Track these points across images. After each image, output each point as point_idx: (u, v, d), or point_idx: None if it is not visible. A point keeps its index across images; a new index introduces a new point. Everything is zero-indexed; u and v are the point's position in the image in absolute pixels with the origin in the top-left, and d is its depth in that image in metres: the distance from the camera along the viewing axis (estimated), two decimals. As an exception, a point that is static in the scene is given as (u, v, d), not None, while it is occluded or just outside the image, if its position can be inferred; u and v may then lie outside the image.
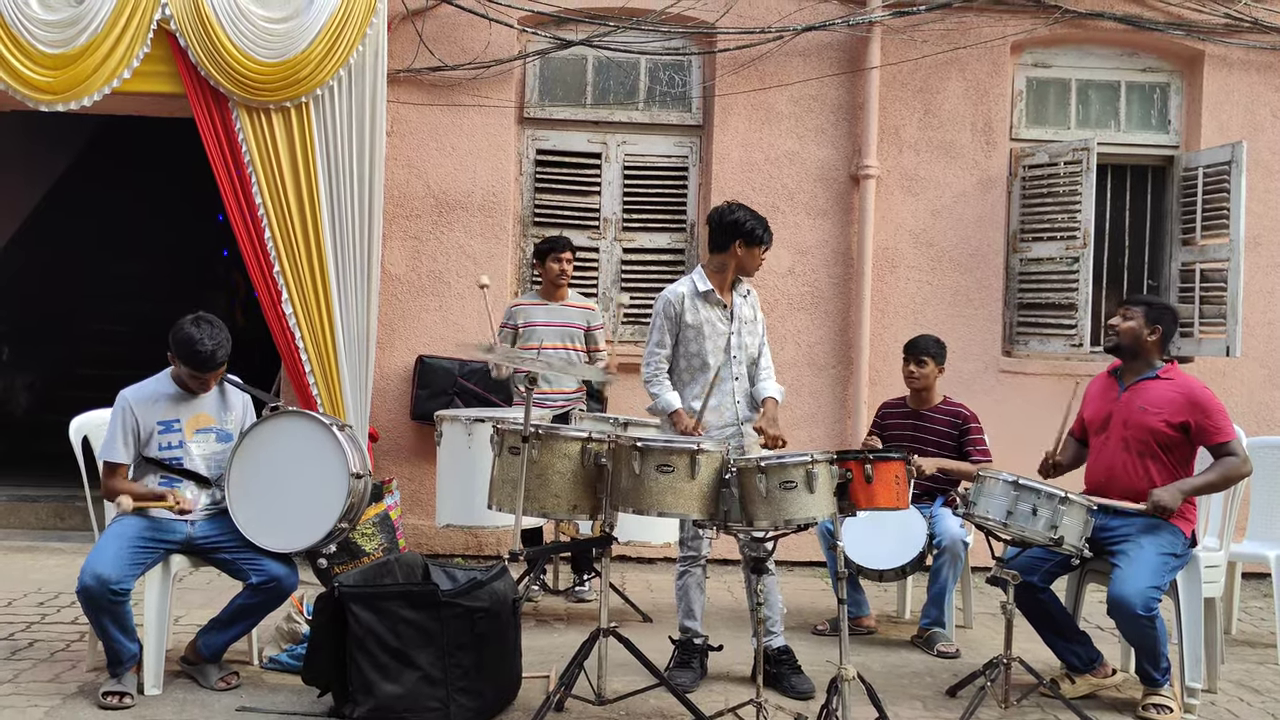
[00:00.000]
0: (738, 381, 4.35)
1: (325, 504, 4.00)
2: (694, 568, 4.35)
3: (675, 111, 6.76)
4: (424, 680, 3.59)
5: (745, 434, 4.33)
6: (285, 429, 4.08)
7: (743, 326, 4.38)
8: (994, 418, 5.78)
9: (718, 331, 4.33)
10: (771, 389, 4.40)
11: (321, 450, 4.02)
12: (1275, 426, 6.60)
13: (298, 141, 5.79)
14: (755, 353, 4.44)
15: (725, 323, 4.34)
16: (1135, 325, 4.19)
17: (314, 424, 4.08)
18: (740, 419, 4.35)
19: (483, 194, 6.52)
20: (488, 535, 6.35)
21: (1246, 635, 5.33)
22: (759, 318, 4.49)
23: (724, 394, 4.32)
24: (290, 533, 4.01)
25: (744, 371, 4.39)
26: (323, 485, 3.99)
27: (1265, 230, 6.73)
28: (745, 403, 4.38)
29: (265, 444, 4.05)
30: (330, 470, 4.00)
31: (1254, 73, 6.76)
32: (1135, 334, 4.19)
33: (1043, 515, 3.85)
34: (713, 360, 4.30)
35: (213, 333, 3.96)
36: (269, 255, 5.82)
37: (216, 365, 4.02)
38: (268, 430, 4.08)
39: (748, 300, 4.44)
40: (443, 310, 6.50)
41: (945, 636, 4.86)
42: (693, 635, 4.32)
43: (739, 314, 4.38)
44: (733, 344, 4.34)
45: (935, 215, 6.69)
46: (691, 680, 4.19)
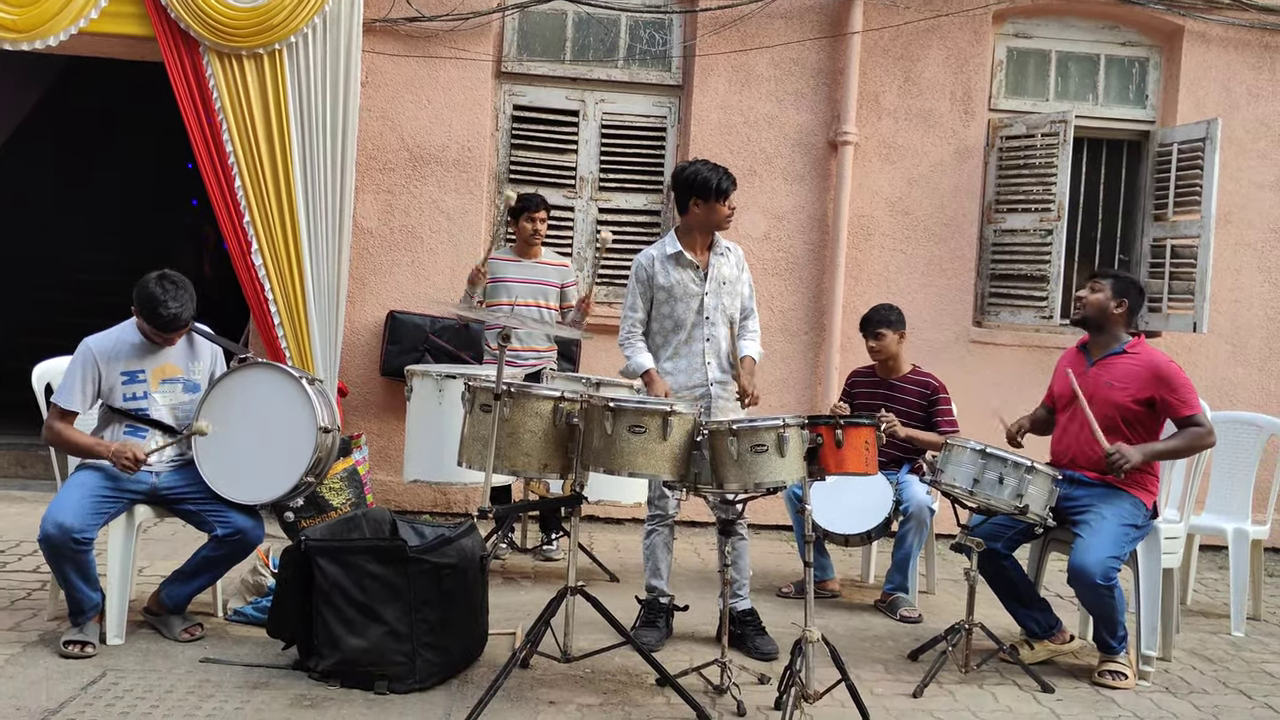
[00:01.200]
0: (709, 343, 4.31)
1: (292, 457, 3.97)
2: (661, 527, 4.37)
3: (655, 71, 6.69)
4: (390, 635, 3.59)
5: (714, 395, 4.30)
6: (254, 380, 4.04)
7: (720, 287, 4.34)
8: (963, 387, 5.84)
9: (689, 293, 4.31)
10: (749, 348, 4.37)
11: (290, 403, 3.99)
12: (1239, 402, 6.69)
13: (270, 90, 5.69)
14: (736, 313, 4.39)
15: (698, 284, 4.32)
16: (1102, 298, 4.22)
17: (283, 376, 4.04)
18: (710, 380, 4.31)
19: (458, 149, 6.44)
20: (456, 492, 6.35)
21: (1201, 606, 5.44)
22: (744, 277, 4.44)
23: (693, 355, 4.32)
24: (256, 485, 3.98)
25: (719, 333, 4.33)
26: (290, 438, 3.96)
27: (1236, 208, 6.79)
28: (717, 364, 4.33)
29: (233, 395, 4.02)
30: (298, 423, 3.96)
31: (1232, 50, 6.78)
32: (1101, 306, 4.22)
33: (1009, 484, 3.90)
34: (685, 321, 4.30)
35: (177, 293, 3.89)
36: (239, 205, 5.74)
37: (179, 327, 3.97)
38: (236, 381, 4.03)
39: (728, 259, 4.39)
40: (415, 265, 6.44)
41: (908, 601, 4.92)
42: (658, 594, 4.34)
43: (716, 274, 4.34)
44: (706, 305, 4.31)
45: (912, 184, 6.69)
46: (657, 639, 4.22)
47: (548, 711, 3.50)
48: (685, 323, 4.31)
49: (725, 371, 4.35)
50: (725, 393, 4.32)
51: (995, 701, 3.84)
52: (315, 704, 3.46)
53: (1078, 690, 4.01)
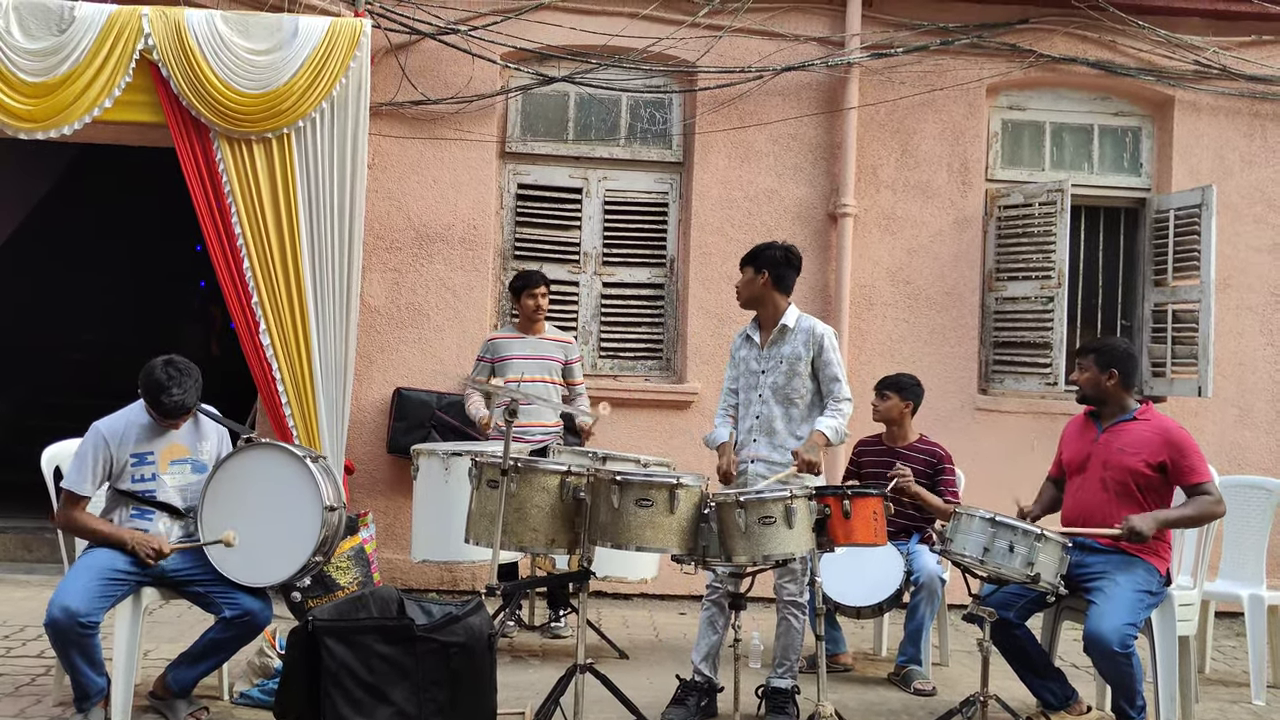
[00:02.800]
0: (758, 420, 4.35)
1: (299, 537, 3.95)
2: (710, 603, 4.37)
3: (656, 148, 6.81)
4: (398, 716, 3.53)
5: (750, 473, 4.30)
6: (258, 461, 4.04)
7: (778, 366, 4.36)
8: (970, 456, 5.83)
9: (750, 370, 4.42)
10: (823, 422, 4.26)
11: (294, 482, 3.98)
12: (1247, 466, 6.67)
13: (279, 172, 5.79)
14: (797, 394, 4.33)
15: (759, 361, 4.40)
16: (1091, 375, 4.24)
17: (286, 456, 4.03)
18: (751, 457, 4.34)
19: (463, 227, 6.54)
20: (463, 570, 6.31)
21: (1219, 674, 5.35)
22: (821, 358, 4.34)
23: (745, 430, 4.38)
24: (264, 566, 3.96)
25: (773, 411, 4.34)
26: (296, 518, 3.95)
27: (1235, 272, 6.84)
28: (766, 442, 4.33)
29: (238, 476, 4.01)
30: (303, 503, 3.95)
31: (1223, 118, 6.90)
32: (1094, 383, 4.25)
33: (1019, 552, 3.87)
34: (743, 397, 4.42)
35: (182, 380, 3.93)
36: (247, 286, 5.79)
37: (183, 413, 4.01)
38: (240, 462, 4.04)
39: (793, 339, 4.37)
40: (421, 342, 6.49)
41: (922, 674, 4.85)
42: (695, 672, 4.32)
43: (776, 353, 4.37)
44: (761, 382, 4.37)
45: (912, 254, 6.76)
46: (682, 717, 4.17)
47: (558, 793, 3.44)
48: (744, 399, 4.43)
49: (775, 451, 4.32)
50: (768, 472, 4.26)
51: (1014, 776, 3.77)
52: (322, 789, 3.40)
53: (1098, 763, 3.93)
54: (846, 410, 4.32)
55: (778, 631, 4.31)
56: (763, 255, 4.40)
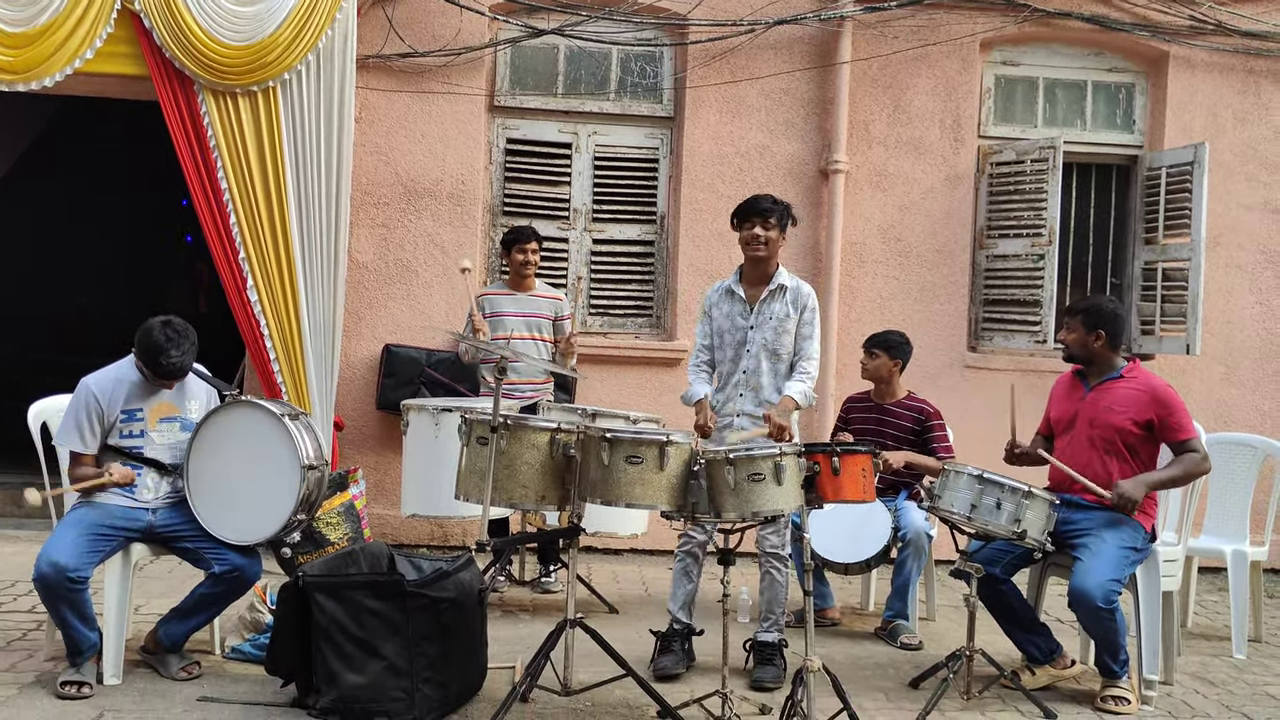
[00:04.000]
0: (745, 375, 4.34)
1: (279, 495, 3.95)
2: (684, 555, 4.41)
3: (646, 103, 6.74)
4: (389, 671, 3.56)
5: (735, 427, 4.31)
6: (237, 419, 4.02)
7: (767, 322, 4.34)
8: (959, 413, 5.84)
9: (735, 326, 4.39)
10: (792, 387, 4.26)
11: (272, 441, 3.96)
12: (1233, 424, 6.71)
13: (264, 126, 5.72)
14: (785, 350, 4.34)
15: (745, 318, 4.37)
16: (1078, 335, 4.25)
17: (264, 414, 4.00)
18: (738, 411, 4.34)
19: (452, 182, 6.48)
20: (453, 525, 6.33)
21: (1202, 628, 5.43)
22: (802, 317, 4.35)
23: (731, 386, 4.37)
24: (247, 525, 3.97)
25: (760, 367, 4.33)
26: (276, 476, 3.94)
27: (1225, 230, 6.83)
28: (752, 398, 4.32)
29: (220, 435, 4.01)
30: (282, 461, 3.94)
31: (1217, 74, 6.86)
32: (1081, 343, 4.26)
33: (1006, 509, 3.90)
34: (730, 354, 4.39)
35: (180, 341, 3.90)
36: (234, 241, 5.75)
37: (180, 375, 3.99)
38: (221, 421, 4.03)
39: (784, 297, 4.35)
40: (410, 299, 6.46)
41: (908, 628, 4.90)
42: (672, 621, 4.36)
43: (766, 309, 4.35)
44: (751, 338, 4.35)
45: (903, 211, 6.73)
46: (672, 663, 4.23)
47: (548, 746, 3.47)
48: (732, 355, 4.39)
49: (760, 406, 4.32)
50: (751, 426, 4.29)
51: (998, 728, 3.83)
52: (314, 742, 3.43)
53: (1080, 715, 3.99)
54: (814, 373, 4.37)
55: (761, 585, 4.35)
56: (783, 214, 4.35)
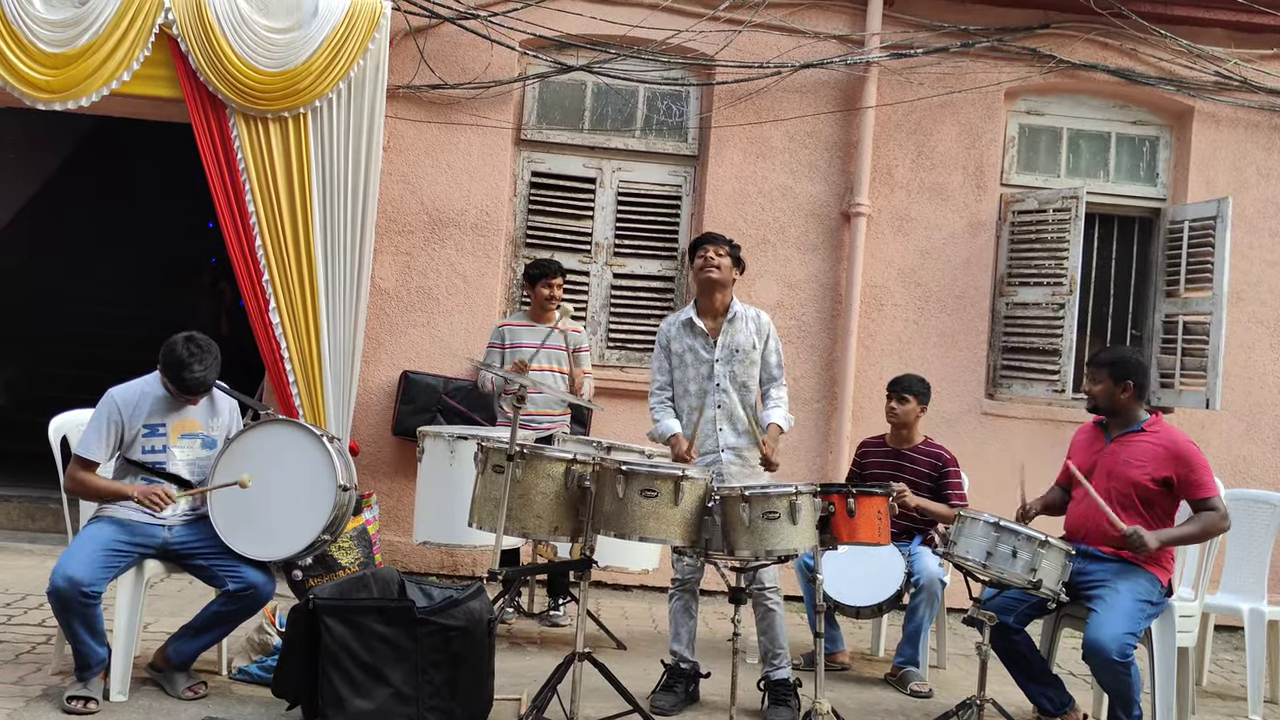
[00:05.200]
0: (720, 409, 4.34)
1: (310, 514, 3.97)
2: (680, 592, 4.39)
3: (671, 141, 6.80)
4: (395, 697, 3.55)
5: (725, 461, 4.32)
6: (274, 437, 4.05)
7: (733, 355, 4.37)
8: (975, 460, 5.82)
9: (700, 359, 4.38)
10: (775, 415, 4.38)
11: (311, 460, 3.99)
12: (1252, 480, 6.65)
13: (294, 152, 5.80)
14: (752, 380, 4.41)
15: (708, 350, 4.37)
16: (1105, 387, 4.22)
17: (304, 434, 4.06)
18: (721, 446, 4.34)
19: (476, 213, 6.54)
20: (464, 555, 6.32)
21: (1217, 687, 5.35)
22: (769, 345, 4.44)
23: (705, 421, 4.35)
24: (272, 541, 3.98)
25: (731, 399, 4.36)
26: (309, 495, 3.97)
27: (1248, 285, 6.81)
28: (730, 430, 4.35)
29: (252, 451, 4.02)
30: (318, 481, 3.97)
31: (1241, 130, 6.87)
32: (1109, 395, 4.22)
33: (1022, 558, 3.86)
34: (693, 388, 4.37)
35: (203, 357, 3.94)
36: (259, 264, 5.81)
37: (203, 391, 4.02)
38: (256, 438, 4.05)
39: (743, 327, 4.41)
40: (430, 327, 6.50)
41: (919, 675, 4.85)
42: (679, 660, 4.33)
43: (727, 342, 4.38)
44: (716, 372, 4.35)
45: (924, 256, 6.74)
46: (671, 705, 4.19)
47: (553, 780, 3.44)
48: (696, 389, 4.37)
49: (740, 437, 4.35)
50: (738, 459, 4.32)
51: (1008, 780, 3.77)
52: (318, 767, 3.41)
53: (1092, 771, 3.93)
54: (786, 399, 4.47)
55: (761, 625, 4.30)
56: (736, 252, 4.47)
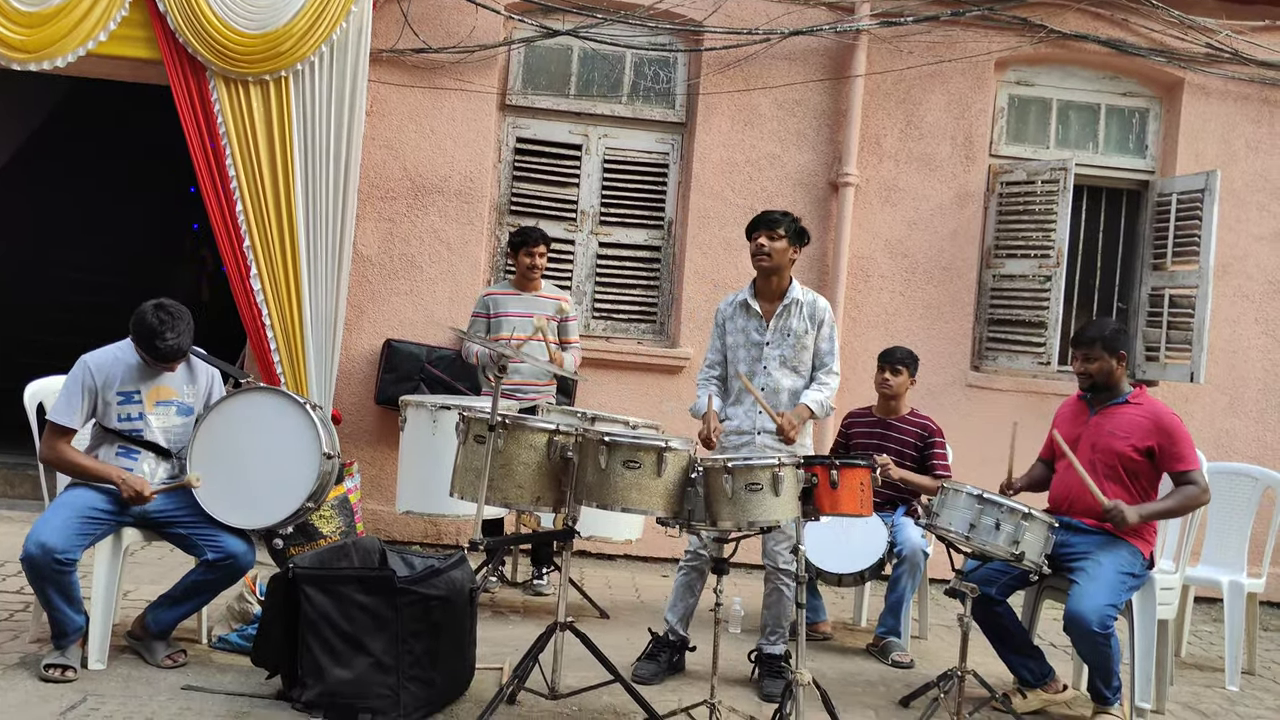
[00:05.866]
0: (764, 392, 4.30)
1: (294, 482, 3.93)
2: (689, 568, 4.40)
3: (658, 107, 6.73)
4: (375, 667, 3.54)
5: (758, 445, 4.27)
6: (256, 405, 4.01)
7: (784, 339, 4.32)
8: (959, 432, 5.82)
9: (751, 341, 4.36)
10: (809, 395, 4.28)
11: (294, 428, 3.96)
12: (1235, 454, 6.68)
13: (275, 116, 5.71)
14: (803, 365, 4.34)
15: (760, 333, 4.35)
16: (1103, 364, 4.21)
17: (288, 401, 4.01)
18: (758, 428, 4.30)
19: (460, 179, 6.46)
20: (447, 524, 6.30)
21: (1196, 658, 5.39)
22: (820, 332, 4.35)
23: (747, 401, 4.33)
24: (254, 509, 3.95)
25: (779, 383, 4.31)
26: (293, 463, 3.93)
27: (1235, 259, 6.81)
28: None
29: (233, 419, 3.99)
30: (302, 448, 3.93)
31: (1231, 103, 6.84)
32: (1108, 371, 4.21)
33: (1005, 530, 3.87)
34: (744, 369, 4.35)
35: (174, 324, 3.87)
36: (240, 229, 5.74)
37: (178, 358, 3.96)
38: (237, 405, 4.01)
39: (798, 311, 4.34)
40: (413, 294, 6.44)
41: (900, 646, 4.87)
42: (669, 630, 4.34)
43: (782, 325, 4.33)
44: (766, 354, 4.32)
45: (911, 227, 6.71)
46: (653, 673, 4.20)
47: (533, 749, 3.44)
48: (746, 371, 4.34)
49: None
50: (774, 443, 4.25)
51: (987, 751, 3.79)
52: (297, 735, 3.40)
53: (1071, 741, 3.96)
54: (834, 385, 4.35)
55: (769, 600, 4.32)
56: (795, 228, 4.33)
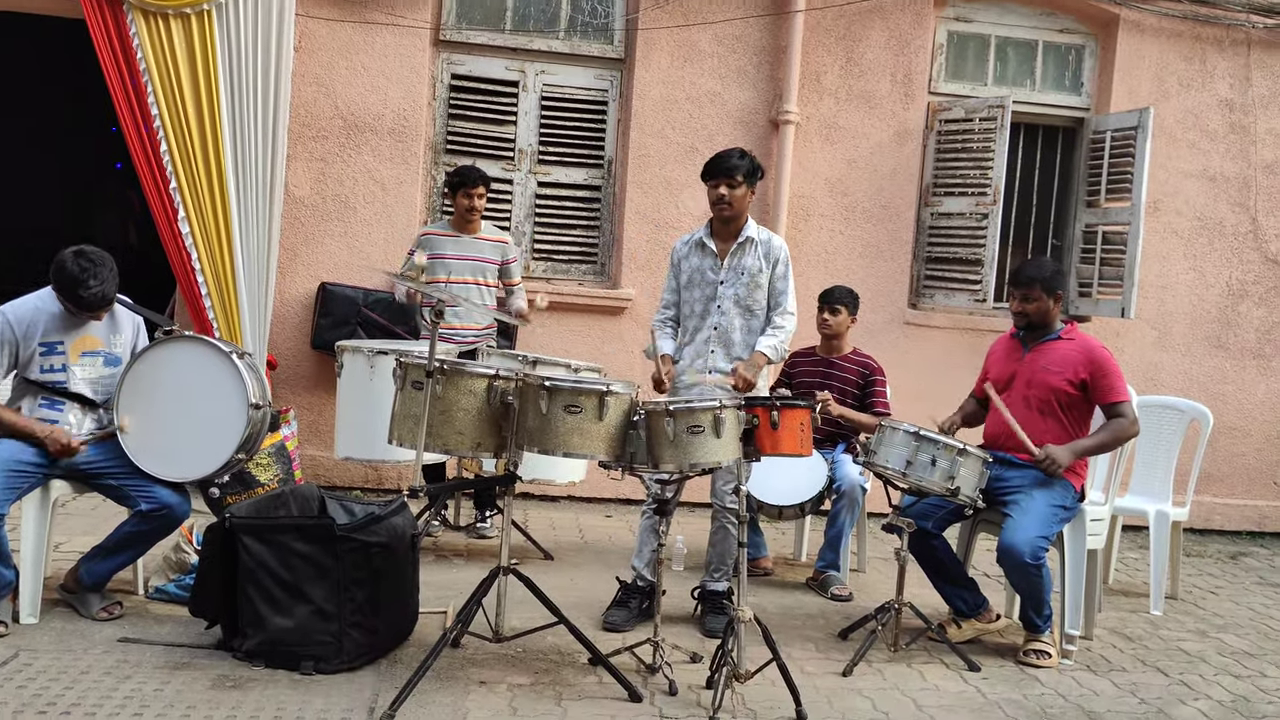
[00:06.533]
0: (716, 331, 4.28)
1: (222, 434, 3.85)
2: (653, 512, 4.38)
3: (597, 43, 6.60)
4: (316, 614, 3.51)
5: (707, 382, 4.24)
6: (181, 354, 3.91)
7: (739, 278, 4.28)
8: (898, 369, 5.89)
9: (706, 280, 4.32)
10: (763, 342, 4.24)
11: (220, 378, 3.87)
12: (1162, 386, 6.86)
13: (198, 51, 5.50)
14: (758, 305, 4.29)
15: (715, 272, 4.31)
16: (1041, 305, 4.26)
17: (212, 350, 3.91)
18: (710, 368, 4.28)
19: (393, 117, 6.30)
20: (388, 469, 6.26)
21: (1122, 585, 5.58)
22: (775, 271, 4.30)
23: (700, 342, 4.31)
24: (183, 462, 3.87)
25: (731, 323, 4.27)
26: (220, 415, 3.85)
27: (1165, 196, 6.92)
28: (724, 353, 4.28)
29: (158, 369, 3.88)
30: (228, 399, 3.85)
31: (1165, 40, 6.90)
32: (1045, 311, 4.27)
33: (941, 466, 3.94)
34: (698, 308, 4.33)
35: (97, 271, 3.74)
36: (165, 171, 5.55)
37: (103, 306, 3.84)
38: (161, 354, 3.90)
39: (753, 250, 4.30)
40: (348, 236, 6.30)
41: (839, 580, 4.96)
42: (636, 576, 4.36)
43: (736, 264, 4.29)
44: (721, 293, 4.29)
45: (851, 165, 6.70)
46: (624, 620, 4.22)
47: (478, 692, 3.46)
48: (700, 310, 4.32)
49: (730, 360, 4.28)
50: (725, 383, 4.23)
51: (923, 680, 3.90)
52: (239, 685, 3.38)
53: (1003, 669, 4.08)
54: (789, 327, 4.31)
55: (715, 538, 4.35)
56: (750, 170, 4.27)
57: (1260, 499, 7.19)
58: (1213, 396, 6.88)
